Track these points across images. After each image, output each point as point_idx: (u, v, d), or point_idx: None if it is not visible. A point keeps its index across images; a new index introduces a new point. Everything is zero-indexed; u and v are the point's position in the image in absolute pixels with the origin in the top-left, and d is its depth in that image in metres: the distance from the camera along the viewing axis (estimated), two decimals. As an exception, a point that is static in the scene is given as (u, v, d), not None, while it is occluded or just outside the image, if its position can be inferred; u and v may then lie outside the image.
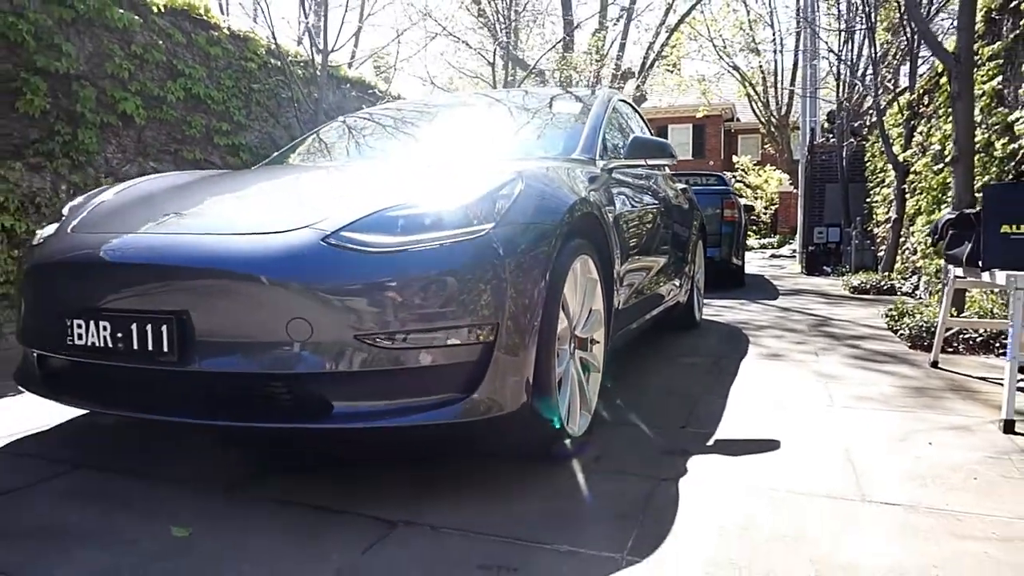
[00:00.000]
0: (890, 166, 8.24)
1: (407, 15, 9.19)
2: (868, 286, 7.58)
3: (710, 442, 2.38)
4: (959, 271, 3.32)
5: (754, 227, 28.15)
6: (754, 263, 15.38)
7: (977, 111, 4.94)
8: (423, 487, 1.95)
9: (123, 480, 2.02)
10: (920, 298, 6.50)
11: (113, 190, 2.49)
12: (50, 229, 2.31)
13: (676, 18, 16.57)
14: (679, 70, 21.64)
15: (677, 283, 4.24)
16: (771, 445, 2.34)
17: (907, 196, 7.68)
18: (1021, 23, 4.26)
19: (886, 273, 8.00)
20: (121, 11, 4.66)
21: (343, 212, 1.87)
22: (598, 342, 2.49)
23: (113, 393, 1.94)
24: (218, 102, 5.56)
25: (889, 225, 8.40)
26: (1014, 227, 2.83)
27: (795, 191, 17.18)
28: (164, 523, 1.70)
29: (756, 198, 27.11)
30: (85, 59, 4.49)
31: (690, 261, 4.58)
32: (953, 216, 3.22)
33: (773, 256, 19.78)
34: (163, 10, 5.06)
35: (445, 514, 1.75)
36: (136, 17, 4.78)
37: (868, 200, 10.47)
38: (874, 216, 10.05)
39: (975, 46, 5.08)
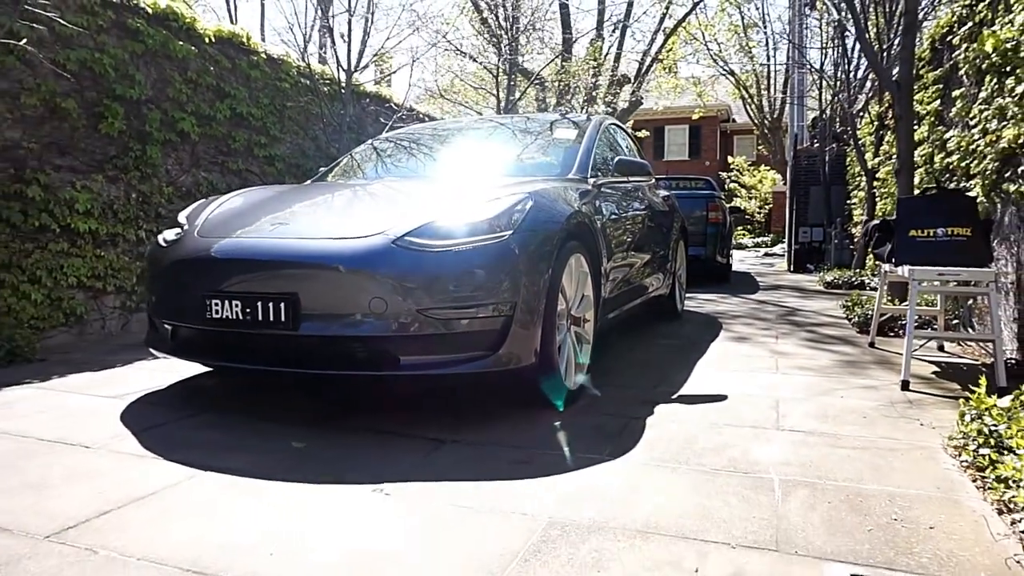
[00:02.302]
0: (864, 171, 8.98)
1: (413, 25, 9.80)
2: (840, 282, 8.33)
3: (674, 396, 3.12)
4: (887, 266, 4.06)
5: (749, 226, 28.89)
6: (747, 261, 16.13)
7: (925, 128, 5.68)
8: (462, 421, 2.69)
9: (241, 418, 2.76)
10: (883, 292, 7.23)
11: (217, 202, 3.22)
12: (171, 234, 3.04)
13: (672, 23, 17.28)
14: (676, 72, 22.33)
15: (660, 277, 4.97)
16: (720, 398, 3.08)
17: (876, 199, 8.41)
18: (953, 55, 4.98)
19: (858, 270, 8.73)
20: (180, 43, 5.39)
21: (403, 222, 2.60)
22: (589, 320, 3.22)
23: (236, 352, 2.68)
24: (257, 119, 6.29)
25: (862, 225, 9.14)
26: (920, 231, 3.57)
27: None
28: (286, 440, 2.44)
29: (751, 198, 27.85)
30: (151, 85, 5.22)
31: (672, 259, 5.31)
32: (878, 222, 3.96)
33: (767, 254, 20.52)
34: (213, 40, 5.79)
35: (479, 435, 2.50)
36: (192, 48, 5.51)
37: (848, 202, 11.21)
38: (853, 217, 10.79)
39: (924, 71, 5.82)
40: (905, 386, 3.23)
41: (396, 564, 1.57)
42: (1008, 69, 3.82)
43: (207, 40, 5.72)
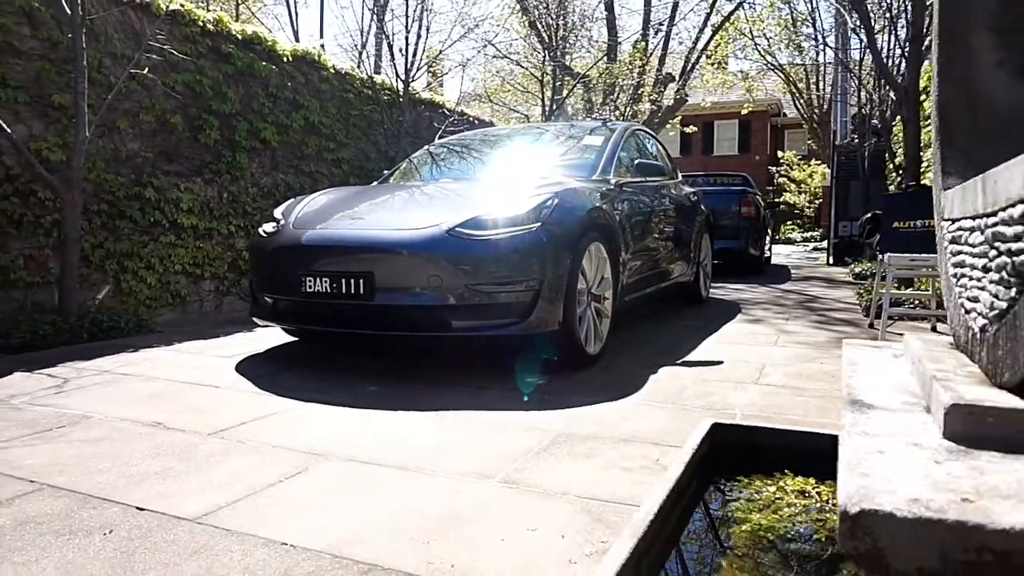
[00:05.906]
0: (895, 167, 9.31)
1: (464, 25, 10.50)
2: (869, 273, 8.69)
3: (679, 361, 3.73)
4: (885, 255, 4.57)
5: (799, 221, 28.82)
6: (792, 256, 16.38)
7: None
8: (499, 375, 3.37)
9: (325, 372, 3.51)
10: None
11: (305, 201, 3.99)
12: (269, 227, 3.81)
13: (719, 18, 17.60)
14: (724, 67, 22.51)
15: (683, 265, 5.55)
16: (717, 363, 3.68)
17: (906, 194, 8.76)
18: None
19: (888, 262, 9.09)
20: (264, 63, 6.23)
21: (454, 217, 3.29)
22: (608, 299, 3.86)
23: (325, 318, 3.42)
24: (326, 126, 7.11)
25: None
26: (902, 223, 4.09)
27: (833, 186, 17.95)
28: (362, 386, 3.17)
29: (800, 192, 27.78)
30: (239, 100, 6.06)
31: (695, 249, 5.87)
32: (870, 215, 4.48)
33: (815, 248, 20.60)
34: (290, 58, 6.61)
35: (512, 384, 3.18)
36: (273, 67, 6.35)
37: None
38: (889, 211, 11.07)
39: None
40: (880, 356, 3.76)
41: (453, 451, 2.26)
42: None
43: (285, 59, 6.55)
